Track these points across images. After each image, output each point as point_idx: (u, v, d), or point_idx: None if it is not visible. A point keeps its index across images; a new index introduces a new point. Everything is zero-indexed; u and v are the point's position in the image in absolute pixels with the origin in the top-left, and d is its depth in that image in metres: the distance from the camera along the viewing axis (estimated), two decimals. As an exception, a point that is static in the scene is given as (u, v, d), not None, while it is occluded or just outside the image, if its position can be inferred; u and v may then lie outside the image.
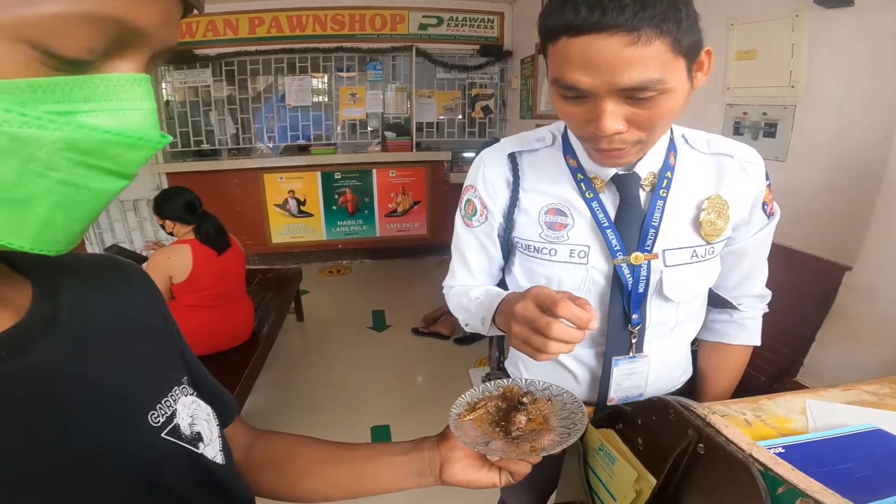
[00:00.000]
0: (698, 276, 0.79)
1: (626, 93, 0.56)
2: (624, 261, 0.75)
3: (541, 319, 0.56)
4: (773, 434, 0.58)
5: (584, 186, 0.76)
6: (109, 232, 4.47)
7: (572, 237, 0.77)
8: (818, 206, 1.64)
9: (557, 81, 0.59)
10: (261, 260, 4.45)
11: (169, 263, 2.10)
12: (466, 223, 0.86)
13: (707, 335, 0.94)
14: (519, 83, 4.29)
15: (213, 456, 0.47)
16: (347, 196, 4.59)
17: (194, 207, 2.13)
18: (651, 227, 0.75)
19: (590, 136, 0.63)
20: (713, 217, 0.75)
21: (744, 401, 0.65)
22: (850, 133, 1.53)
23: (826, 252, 1.62)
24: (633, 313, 0.77)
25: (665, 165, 0.75)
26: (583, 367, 0.85)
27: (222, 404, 0.57)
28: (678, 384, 0.92)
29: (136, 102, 0.29)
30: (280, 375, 2.89)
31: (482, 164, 0.83)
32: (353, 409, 2.56)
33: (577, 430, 0.52)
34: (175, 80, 4.18)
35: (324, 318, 3.63)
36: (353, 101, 4.46)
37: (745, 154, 0.78)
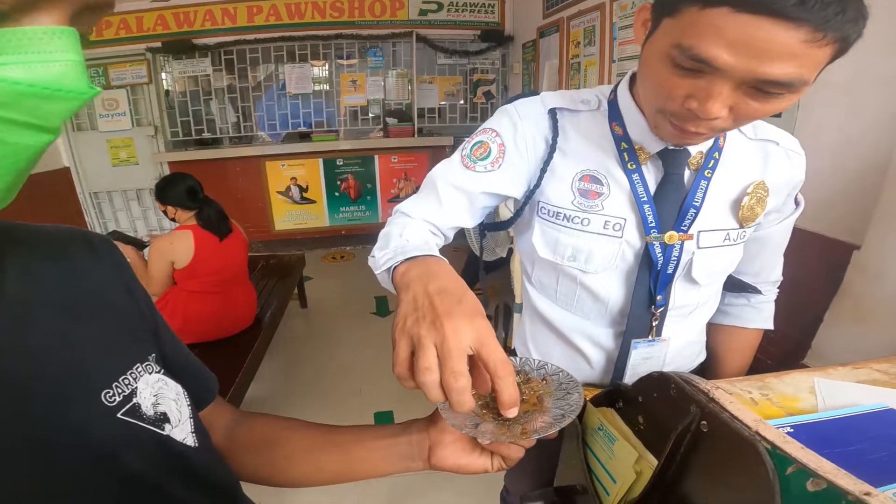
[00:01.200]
0: (727, 259, 0.77)
1: (759, 84, 0.50)
2: (657, 239, 0.71)
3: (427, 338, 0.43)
4: (780, 413, 0.56)
5: (626, 156, 0.71)
6: (114, 221, 4.51)
7: (607, 208, 0.72)
8: (826, 185, 1.62)
9: (687, 49, 0.50)
10: (264, 247, 4.46)
11: (171, 249, 2.09)
12: (467, 164, 0.74)
13: (722, 319, 0.92)
14: (521, 68, 4.25)
15: (183, 438, 0.44)
16: (350, 182, 4.59)
17: (196, 193, 2.11)
18: (692, 207, 0.71)
19: (678, 112, 0.57)
20: (753, 203, 0.73)
21: (749, 379, 0.63)
22: (858, 113, 1.51)
23: (834, 231, 1.60)
24: (658, 294, 0.73)
25: (714, 146, 0.71)
26: (598, 349, 0.81)
27: (200, 384, 0.56)
28: (692, 367, 0.90)
29: (56, 54, 0.27)
30: (284, 362, 2.90)
31: (515, 115, 0.74)
32: (356, 394, 2.56)
33: (571, 411, 0.50)
34: (174, 69, 4.17)
35: (327, 304, 3.64)
36: (353, 88, 4.44)
37: (789, 143, 0.76)
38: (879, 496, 0.33)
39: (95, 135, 4.21)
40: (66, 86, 0.28)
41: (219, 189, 4.20)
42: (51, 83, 0.27)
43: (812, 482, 0.37)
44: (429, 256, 0.57)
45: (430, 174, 0.77)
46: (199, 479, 0.46)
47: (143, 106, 4.24)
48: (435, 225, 0.74)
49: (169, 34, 4.03)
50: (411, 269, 0.54)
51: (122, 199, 4.45)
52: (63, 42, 0.28)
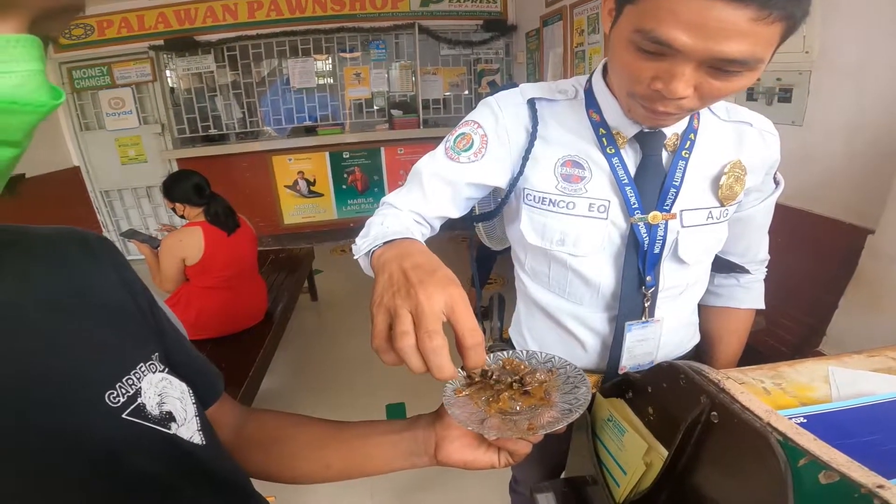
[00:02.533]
0: (712, 238, 0.79)
1: (717, 63, 0.53)
2: (641, 219, 0.73)
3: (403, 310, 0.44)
4: (793, 403, 0.55)
5: (605, 141, 0.73)
6: (125, 219, 4.56)
7: (591, 190, 0.74)
8: (838, 170, 1.60)
9: (647, 33, 0.53)
10: (274, 241, 4.48)
11: (181, 246, 2.11)
12: (451, 156, 0.76)
13: (714, 300, 0.95)
14: (525, 57, 4.21)
15: (190, 437, 0.44)
16: (356, 175, 4.59)
17: (202, 189, 2.13)
18: (672, 187, 0.73)
19: (646, 94, 0.60)
20: (732, 181, 0.75)
21: (762, 368, 0.62)
22: (870, 97, 1.50)
23: (847, 216, 1.57)
24: (648, 275, 0.75)
25: (689, 128, 0.74)
26: (592, 333, 0.83)
27: (206, 382, 0.55)
28: (687, 349, 0.91)
29: (11, 65, 0.26)
30: (295, 355, 2.92)
31: (496, 106, 0.77)
32: (367, 387, 2.58)
33: (579, 405, 0.49)
34: (178, 67, 4.18)
35: (337, 297, 3.66)
36: (357, 81, 4.43)
37: (763, 124, 0.79)
38: (893, 489, 0.33)
39: (103, 133, 4.24)
40: (21, 98, 0.27)
41: (227, 185, 4.23)
42: (4, 96, 0.26)
43: (824, 474, 0.36)
44: (405, 239, 0.59)
45: (416, 166, 0.79)
46: (208, 477, 0.46)
47: (148, 104, 4.26)
48: (420, 215, 0.77)
49: (170, 32, 4.03)
50: (387, 251, 0.56)
51: (133, 196, 4.49)
52: (20, 51, 0.27)
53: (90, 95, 4.18)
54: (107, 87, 4.13)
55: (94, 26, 3.98)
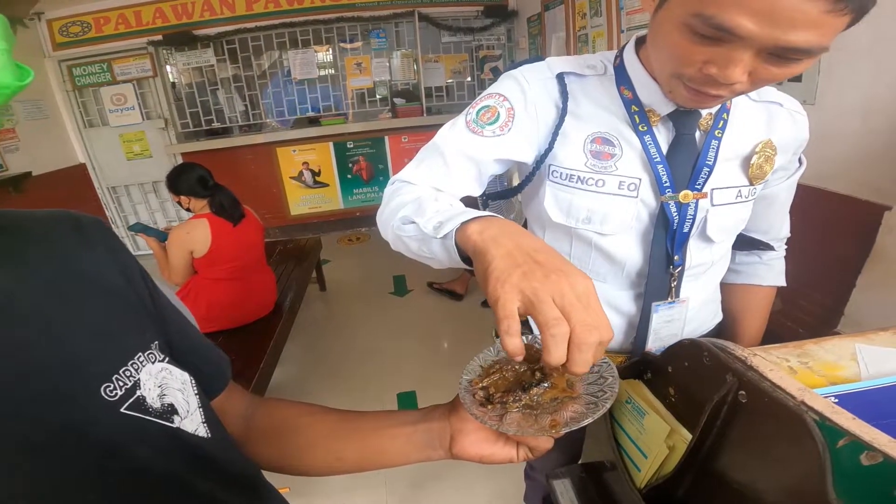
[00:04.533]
0: (739, 216, 0.78)
1: (779, 51, 0.50)
2: (672, 198, 0.71)
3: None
4: (822, 383, 0.53)
5: (637, 119, 0.71)
6: (133, 214, 4.58)
7: (621, 168, 0.72)
8: (852, 147, 1.57)
9: (708, 19, 0.50)
10: (281, 232, 4.49)
11: (188, 238, 2.11)
12: (474, 129, 0.71)
13: (735, 278, 0.94)
14: (527, 42, 4.15)
15: (195, 429, 0.43)
16: (361, 164, 4.57)
17: (206, 181, 2.12)
18: (705, 166, 0.72)
19: (694, 77, 0.57)
20: (762, 161, 0.75)
21: (787, 346, 0.60)
22: (884, 74, 1.46)
23: (864, 192, 1.54)
24: (676, 254, 0.74)
25: (722, 107, 0.72)
26: (618, 314, 0.81)
27: (212, 371, 0.53)
28: (709, 327, 0.91)
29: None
30: (306, 345, 2.93)
31: (523, 79, 0.73)
32: (378, 376, 2.58)
33: (606, 398, 0.46)
34: (178, 61, 4.16)
35: (346, 287, 3.66)
36: (359, 71, 4.39)
37: (792, 104, 0.78)
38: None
39: (107, 130, 4.24)
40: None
41: (233, 178, 4.20)
42: None
43: (867, 455, 0.34)
44: (493, 216, 0.52)
45: (434, 140, 0.74)
46: (216, 471, 0.45)
47: (151, 99, 4.24)
48: (441, 191, 0.70)
49: (168, 27, 4.00)
50: (487, 227, 0.49)
51: (140, 192, 4.50)
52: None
53: (91, 92, 4.17)
54: (108, 84, 4.12)
55: (90, 23, 3.96)
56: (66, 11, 3.91)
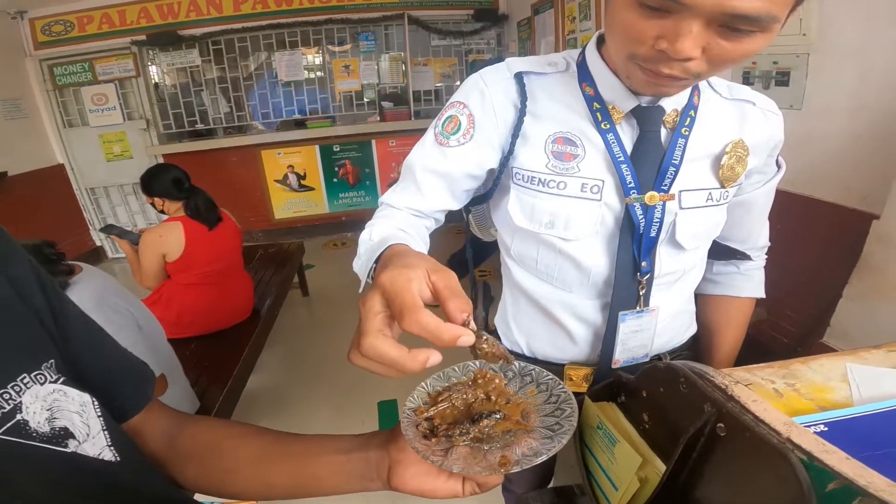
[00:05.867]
0: (711, 221, 0.74)
1: (727, 20, 0.48)
2: (637, 199, 0.68)
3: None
4: (810, 407, 0.48)
5: (599, 116, 0.68)
6: (112, 217, 4.49)
7: (584, 169, 0.69)
8: (839, 153, 1.55)
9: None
10: (265, 236, 4.42)
11: (161, 241, 2.04)
12: (440, 141, 0.72)
13: (713, 289, 0.91)
14: (517, 46, 4.14)
15: (98, 453, 0.39)
16: (348, 168, 4.51)
17: (182, 183, 2.05)
18: (671, 165, 0.68)
19: (648, 56, 0.54)
20: (733, 162, 0.71)
21: (773, 366, 0.55)
22: (872, 79, 1.44)
23: (851, 201, 1.52)
24: (643, 260, 0.70)
25: (689, 104, 0.69)
26: (583, 324, 0.77)
27: (128, 389, 0.49)
28: (683, 339, 0.86)
29: None
30: (285, 352, 2.86)
31: (481, 83, 0.72)
32: (359, 383, 2.51)
33: (563, 432, 0.41)
34: (162, 62, 4.09)
35: (329, 292, 3.59)
36: (347, 73, 4.34)
37: (766, 103, 0.75)
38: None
39: (87, 130, 4.15)
40: None
41: (216, 179, 4.15)
42: None
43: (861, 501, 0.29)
44: (381, 245, 0.57)
45: (408, 159, 0.75)
46: (128, 496, 0.41)
47: (133, 99, 4.16)
48: (420, 211, 0.74)
49: (153, 26, 3.93)
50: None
51: (120, 193, 4.41)
52: None
53: (72, 92, 4.09)
54: (89, 84, 4.04)
55: (73, 22, 3.89)
56: (50, 10, 3.84)
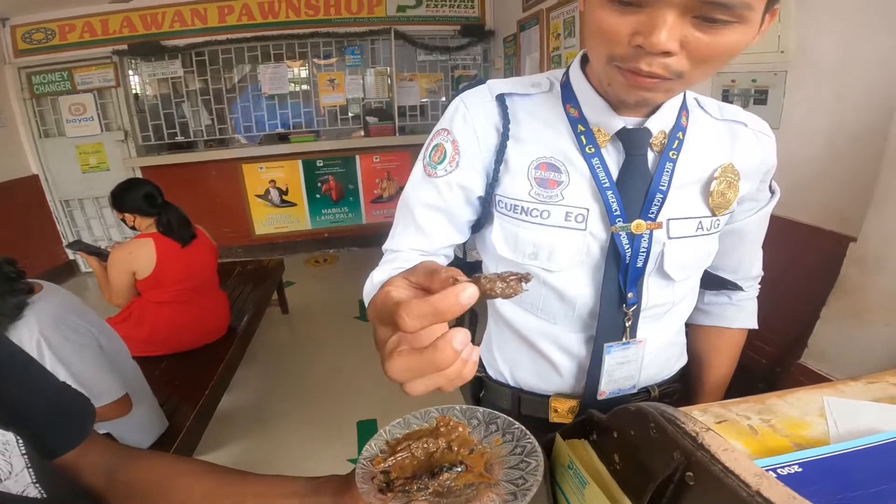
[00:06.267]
0: (701, 251, 0.71)
1: (700, 8, 0.47)
2: (623, 228, 0.65)
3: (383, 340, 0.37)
4: (785, 445, 0.46)
5: (584, 139, 0.65)
6: (87, 230, 4.38)
7: (568, 197, 0.66)
8: (817, 174, 1.54)
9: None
10: (245, 252, 4.34)
11: (130, 259, 1.98)
12: (429, 172, 0.71)
13: (703, 319, 0.87)
14: (502, 63, 4.15)
15: (22, 490, 0.39)
16: (331, 183, 4.46)
17: (154, 198, 2.00)
18: (658, 192, 0.65)
19: (626, 55, 0.52)
20: (724, 188, 0.68)
21: (749, 400, 0.53)
22: (849, 97, 1.44)
23: (828, 223, 1.52)
24: (629, 291, 0.67)
25: (677, 125, 0.66)
26: (567, 356, 0.74)
27: (61, 427, 0.47)
28: (672, 371, 0.83)
29: None
30: (263, 370, 2.80)
31: (463, 107, 0.70)
32: (339, 402, 2.47)
33: (528, 487, 0.38)
34: (143, 72, 4.03)
35: (309, 310, 3.53)
36: (332, 87, 4.32)
37: (758, 124, 0.72)
38: None
39: (63, 141, 4.06)
40: None
41: (195, 193, 4.09)
42: None
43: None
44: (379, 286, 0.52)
45: (403, 197, 0.74)
46: None
47: (111, 110, 4.09)
48: (425, 251, 0.72)
49: (136, 36, 3.88)
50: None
51: (95, 206, 4.30)
52: None
53: (50, 101, 4.01)
54: (67, 93, 3.96)
55: (55, 31, 3.83)
56: (32, 18, 3.79)
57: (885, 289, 1.27)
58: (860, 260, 1.36)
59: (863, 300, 1.34)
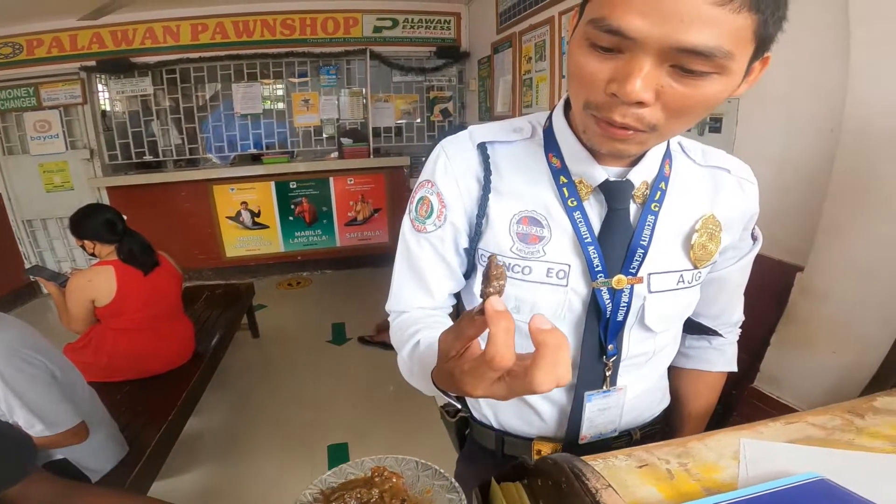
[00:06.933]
0: (682, 303, 0.71)
1: (677, 57, 0.45)
2: (604, 283, 0.64)
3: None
4: (696, 490, 0.48)
5: (566, 192, 0.64)
6: (49, 250, 4.26)
7: (549, 253, 0.65)
8: (767, 203, 1.54)
9: (599, 22, 0.47)
10: (215, 274, 4.26)
11: (90, 287, 1.93)
12: (418, 227, 0.71)
13: (684, 362, 0.88)
14: (477, 84, 4.21)
15: None
16: (304, 206, 4.43)
17: (115, 225, 1.96)
18: (639, 247, 0.64)
19: (601, 103, 0.51)
20: (705, 240, 0.67)
21: (671, 444, 0.56)
22: (796, 127, 1.46)
23: (777, 252, 1.56)
24: (609, 343, 0.67)
25: (660, 175, 0.65)
26: (549, 403, 0.74)
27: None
28: (655, 413, 0.83)
29: None
30: (232, 395, 2.75)
31: (443, 155, 0.69)
32: (310, 426, 2.44)
33: None
34: (112, 89, 3.97)
35: (281, 334, 3.47)
36: (306, 108, 4.31)
37: (741, 170, 0.71)
38: None
39: (27, 158, 3.96)
40: None
41: (163, 215, 4.02)
42: None
43: None
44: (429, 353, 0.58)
45: (400, 253, 0.75)
46: None
47: (77, 127, 4.01)
48: (432, 308, 0.74)
49: (105, 52, 3.83)
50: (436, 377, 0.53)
51: (58, 226, 4.19)
52: None
53: (14, 117, 3.92)
54: (32, 109, 3.88)
55: (23, 45, 3.76)
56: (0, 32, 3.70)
57: (830, 318, 1.32)
58: (807, 290, 1.41)
59: (810, 328, 1.38)
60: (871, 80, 1.18)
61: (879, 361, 1.17)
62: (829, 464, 0.51)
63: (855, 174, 1.24)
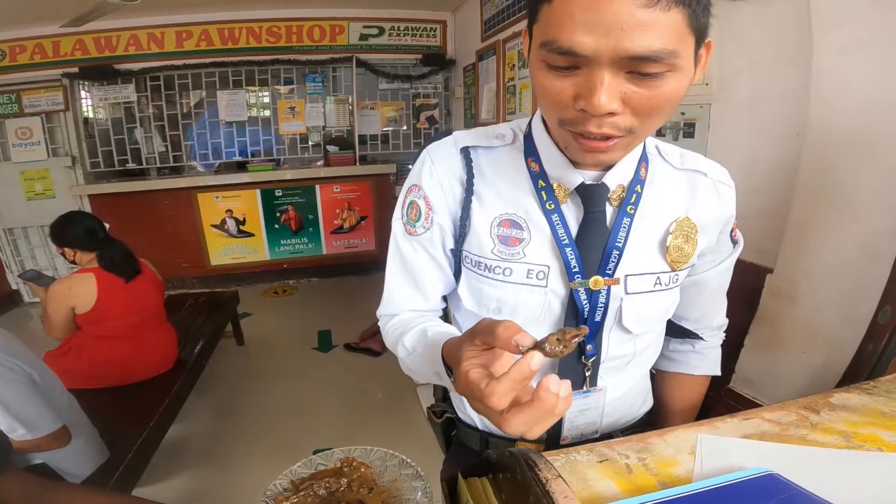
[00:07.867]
0: (660, 305, 0.72)
1: (630, 64, 0.47)
2: (582, 284, 0.66)
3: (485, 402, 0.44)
4: (652, 483, 0.50)
5: (544, 195, 0.66)
6: (31, 259, 4.19)
7: (529, 255, 0.67)
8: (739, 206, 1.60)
9: (550, 45, 0.49)
10: (200, 283, 4.23)
11: (70, 294, 1.92)
12: (409, 231, 0.72)
13: (668, 366, 0.89)
14: (462, 91, 4.25)
15: None
16: (290, 213, 4.41)
17: (95, 233, 1.96)
18: (615, 248, 0.66)
19: (574, 119, 0.53)
20: (680, 242, 0.69)
21: (632, 440, 0.57)
22: (764, 130, 1.49)
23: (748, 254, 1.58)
24: (588, 344, 0.69)
25: (636, 178, 0.67)
26: None
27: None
28: (637, 416, 0.84)
29: None
30: (216, 401, 2.73)
31: (429, 160, 0.71)
32: (295, 433, 2.43)
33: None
34: (95, 96, 3.94)
35: (266, 341, 3.45)
36: (292, 115, 4.31)
37: (718, 174, 0.73)
38: None
39: (7, 166, 3.91)
40: None
41: (146, 223, 3.99)
42: None
43: None
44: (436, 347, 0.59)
45: (391, 257, 0.76)
46: None
47: (59, 135, 3.97)
48: (426, 311, 0.75)
49: (89, 59, 3.80)
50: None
51: (39, 235, 4.13)
52: None
53: (-5, 125, 3.86)
54: (14, 116, 3.83)
55: (5, 52, 3.72)
56: (-19, 39, 3.66)
57: (799, 319, 1.36)
58: (776, 291, 1.44)
59: (781, 329, 1.42)
60: (832, 82, 1.21)
61: (849, 360, 1.19)
62: (780, 459, 0.53)
63: (819, 175, 1.27)
